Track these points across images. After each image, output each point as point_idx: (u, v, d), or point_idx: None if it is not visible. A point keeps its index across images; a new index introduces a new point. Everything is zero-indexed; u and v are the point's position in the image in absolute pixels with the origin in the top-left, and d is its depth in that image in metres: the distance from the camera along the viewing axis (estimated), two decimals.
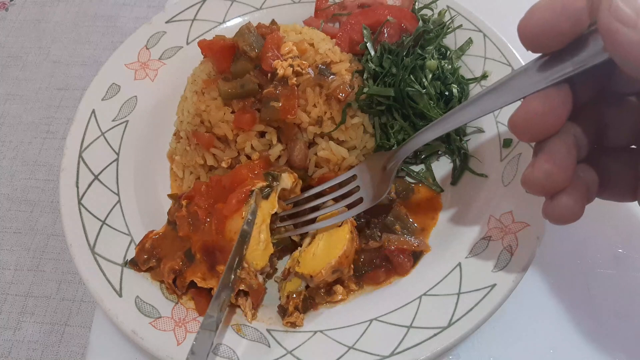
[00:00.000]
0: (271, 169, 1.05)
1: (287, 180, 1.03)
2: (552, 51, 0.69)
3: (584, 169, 0.78)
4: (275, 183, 1.02)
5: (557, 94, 0.70)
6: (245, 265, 0.96)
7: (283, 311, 0.98)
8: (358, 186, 1.04)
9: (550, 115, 0.70)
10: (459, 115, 0.85)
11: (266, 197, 1.00)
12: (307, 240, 1.04)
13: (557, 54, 0.69)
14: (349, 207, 1.03)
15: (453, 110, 0.87)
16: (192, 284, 0.99)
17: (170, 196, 1.16)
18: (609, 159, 0.81)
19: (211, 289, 0.97)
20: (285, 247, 1.08)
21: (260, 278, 1.00)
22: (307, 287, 1.00)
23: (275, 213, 1.03)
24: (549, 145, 0.72)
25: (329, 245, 0.99)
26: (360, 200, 1.02)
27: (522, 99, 0.73)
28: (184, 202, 1.02)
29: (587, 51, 0.66)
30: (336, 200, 1.06)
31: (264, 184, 1.00)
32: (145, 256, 1.01)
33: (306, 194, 1.07)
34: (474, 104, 0.82)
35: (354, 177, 1.06)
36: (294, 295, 0.98)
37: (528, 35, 0.68)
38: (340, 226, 1.02)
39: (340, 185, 1.06)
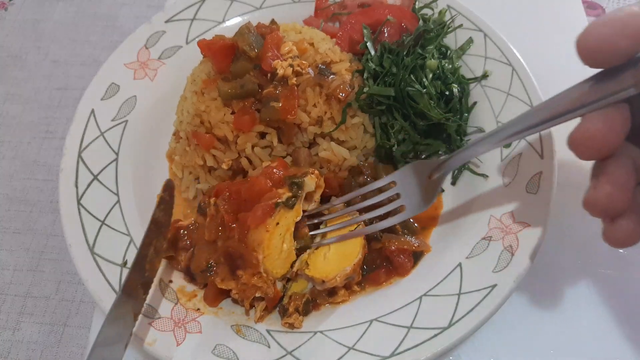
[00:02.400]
0: (291, 171, 1.02)
1: (311, 183, 1.01)
2: (610, 66, 0.69)
3: (637, 189, 0.76)
4: (299, 192, 0.99)
5: (617, 112, 0.69)
6: (264, 274, 0.94)
7: (283, 311, 0.98)
8: (398, 193, 1.00)
9: (610, 134, 0.69)
10: (520, 124, 0.81)
11: (291, 207, 0.97)
12: (318, 239, 1.02)
13: (615, 69, 0.68)
14: (389, 214, 1.00)
15: (514, 120, 0.83)
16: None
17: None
18: None
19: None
20: None
21: (280, 284, 0.99)
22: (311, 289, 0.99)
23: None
24: (608, 166, 0.72)
25: (342, 250, 0.98)
26: (398, 209, 0.99)
27: (581, 116, 0.72)
28: (211, 201, 1.01)
29: None
30: (373, 207, 1.02)
31: (289, 194, 0.97)
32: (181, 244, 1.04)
33: (338, 202, 1.05)
34: (534, 114, 0.79)
35: (392, 184, 1.01)
36: (297, 297, 0.97)
37: (586, 51, 0.68)
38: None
39: (380, 191, 1.02)
